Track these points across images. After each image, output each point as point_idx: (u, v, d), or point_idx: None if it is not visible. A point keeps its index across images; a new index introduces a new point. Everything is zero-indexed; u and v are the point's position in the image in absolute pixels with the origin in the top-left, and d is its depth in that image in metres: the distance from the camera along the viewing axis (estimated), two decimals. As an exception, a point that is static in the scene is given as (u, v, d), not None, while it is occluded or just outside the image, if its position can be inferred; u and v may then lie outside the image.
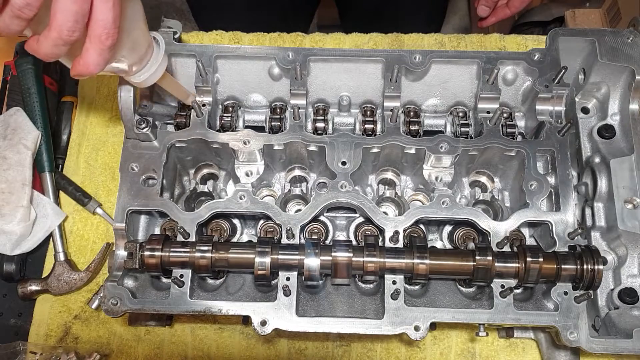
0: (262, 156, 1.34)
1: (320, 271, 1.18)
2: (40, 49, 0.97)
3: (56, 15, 0.92)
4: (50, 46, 0.96)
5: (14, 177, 1.41)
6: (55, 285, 1.40)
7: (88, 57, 0.99)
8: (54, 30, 0.93)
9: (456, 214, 1.25)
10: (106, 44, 0.98)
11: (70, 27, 0.93)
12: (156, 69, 1.16)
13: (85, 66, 1.00)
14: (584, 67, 1.37)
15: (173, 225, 1.31)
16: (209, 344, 1.39)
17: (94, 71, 1.01)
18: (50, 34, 0.94)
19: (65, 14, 0.92)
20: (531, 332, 1.34)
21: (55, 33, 0.93)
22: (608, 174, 1.25)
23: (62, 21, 0.92)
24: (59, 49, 0.97)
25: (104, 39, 0.97)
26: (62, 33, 0.93)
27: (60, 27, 0.92)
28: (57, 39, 0.94)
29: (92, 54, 0.99)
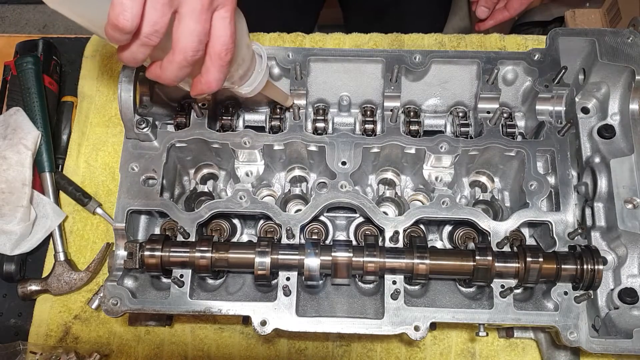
0: (262, 156, 1.34)
1: (320, 271, 1.18)
2: (164, 74, 0.98)
3: (180, 38, 0.92)
4: (176, 69, 0.96)
5: (14, 177, 1.41)
6: (55, 285, 1.40)
7: (209, 75, 0.99)
8: (178, 53, 0.93)
9: (456, 214, 1.25)
10: (226, 60, 0.98)
11: (194, 48, 0.93)
12: (262, 78, 1.16)
13: (207, 84, 1.00)
14: (584, 67, 1.37)
15: (173, 225, 1.31)
16: (209, 344, 1.39)
17: (215, 88, 1.02)
18: (175, 57, 0.94)
19: (189, 35, 0.92)
20: (531, 332, 1.34)
21: (180, 56, 0.93)
22: (608, 174, 1.25)
23: (186, 43, 0.92)
24: (183, 71, 0.97)
25: (224, 55, 0.97)
26: (187, 54, 0.93)
27: (185, 49, 0.93)
28: (182, 61, 0.94)
29: (213, 71, 0.99)
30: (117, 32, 0.87)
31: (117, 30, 0.86)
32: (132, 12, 0.85)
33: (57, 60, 1.64)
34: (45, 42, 1.62)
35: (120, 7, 0.84)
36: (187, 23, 0.92)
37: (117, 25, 0.85)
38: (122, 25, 0.85)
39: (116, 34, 0.87)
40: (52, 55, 1.62)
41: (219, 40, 0.96)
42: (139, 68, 1.27)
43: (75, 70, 1.66)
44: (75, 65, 1.68)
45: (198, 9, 0.92)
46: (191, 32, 0.92)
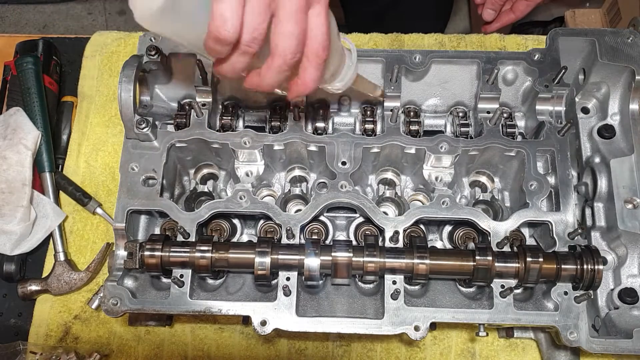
0: (262, 156, 1.34)
1: (320, 271, 1.18)
2: (264, 81, 0.97)
3: (279, 42, 0.91)
4: (275, 74, 0.95)
5: (14, 177, 1.41)
6: (55, 285, 1.40)
7: (307, 75, 0.98)
8: (278, 57, 0.92)
9: (456, 214, 1.25)
10: (323, 58, 0.96)
11: (294, 50, 0.92)
12: (352, 72, 1.14)
13: (304, 85, 0.99)
14: (584, 67, 1.37)
15: (173, 225, 1.31)
16: (209, 344, 1.39)
17: (313, 88, 1.00)
18: (274, 62, 0.92)
19: (288, 37, 0.91)
20: (531, 332, 1.34)
21: (280, 59, 0.92)
22: (608, 174, 1.25)
23: (286, 46, 0.91)
24: (282, 75, 0.96)
25: (321, 52, 0.96)
26: (287, 57, 0.92)
27: (285, 52, 0.91)
28: (282, 65, 0.93)
29: (310, 71, 0.97)
30: (218, 44, 0.86)
31: (218, 42, 0.86)
32: (233, 22, 0.84)
33: (57, 60, 1.64)
34: (45, 42, 1.62)
35: (221, 19, 0.83)
36: (286, 25, 0.90)
37: (218, 38, 0.85)
38: (224, 37, 0.84)
39: (217, 46, 0.87)
40: (52, 55, 1.62)
41: (316, 38, 0.94)
42: (139, 68, 1.27)
43: (75, 70, 1.66)
44: (75, 65, 1.68)
45: (295, 9, 0.90)
46: (290, 34, 0.91)
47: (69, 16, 3.76)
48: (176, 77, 1.40)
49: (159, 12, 0.85)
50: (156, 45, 1.32)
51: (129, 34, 1.69)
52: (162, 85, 1.41)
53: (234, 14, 0.84)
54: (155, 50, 1.31)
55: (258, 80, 0.98)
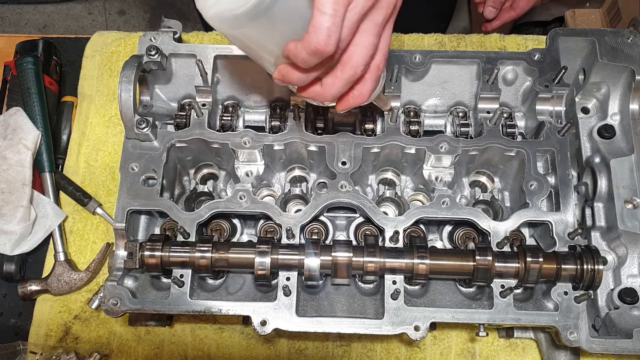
0: (262, 156, 1.34)
1: (320, 271, 1.18)
2: (327, 92, 0.95)
3: (355, 53, 0.89)
4: (341, 86, 0.93)
5: (14, 177, 1.41)
6: (55, 285, 1.40)
7: (365, 86, 0.96)
8: (350, 68, 0.90)
9: (456, 214, 1.25)
10: (380, 70, 0.96)
11: (366, 62, 0.91)
12: (381, 84, 1.12)
13: (360, 97, 0.98)
14: (584, 67, 1.37)
15: (173, 225, 1.31)
16: (209, 344, 1.39)
17: (367, 100, 1.00)
18: (345, 73, 0.91)
19: (365, 49, 0.89)
20: (531, 332, 1.34)
21: (351, 71, 0.91)
22: (608, 174, 1.25)
23: (361, 57, 0.90)
24: (348, 86, 0.94)
25: (382, 65, 0.95)
26: (358, 69, 0.91)
27: (358, 64, 0.90)
28: (352, 76, 0.91)
29: (369, 83, 0.96)
30: (315, 56, 0.85)
31: (316, 54, 0.84)
32: (336, 36, 0.83)
33: (57, 60, 1.64)
34: (45, 42, 1.62)
35: (326, 32, 0.82)
36: (367, 37, 0.88)
37: (319, 50, 0.83)
38: (324, 50, 0.83)
39: (313, 58, 0.85)
40: (52, 55, 1.62)
41: (382, 51, 0.93)
42: (139, 68, 1.27)
43: (75, 70, 1.66)
44: (75, 65, 1.68)
45: (381, 22, 0.89)
46: (368, 46, 0.89)
47: (69, 16, 3.76)
48: (176, 77, 1.40)
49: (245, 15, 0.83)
50: (156, 45, 1.32)
51: (129, 34, 1.69)
52: (162, 85, 1.41)
53: (337, 29, 0.83)
54: (155, 50, 1.31)
55: (320, 91, 0.96)
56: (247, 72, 1.39)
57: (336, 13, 0.82)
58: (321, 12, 0.82)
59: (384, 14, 0.90)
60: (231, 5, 0.84)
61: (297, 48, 0.85)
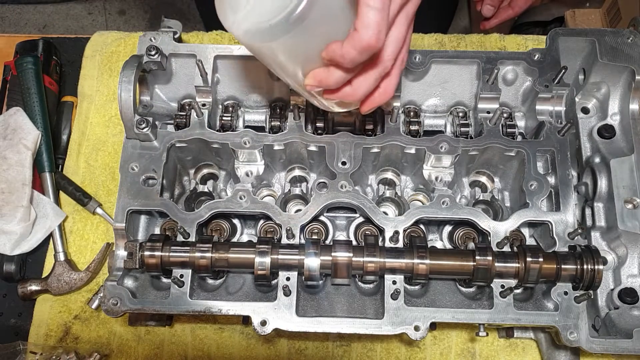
0: (262, 156, 1.34)
1: (320, 271, 1.18)
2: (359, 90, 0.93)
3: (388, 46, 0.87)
4: (372, 83, 0.92)
5: (14, 177, 1.41)
6: (55, 285, 1.40)
7: (391, 82, 0.95)
8: (381, 62, 0.89)
9: (456, 214, 1.25)
10: (404, 64, 0.95)
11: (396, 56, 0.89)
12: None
13: (386, 94, 0.96)
14: (584, 67, 1.37)
15: (173, 225, 1.31)
16: (209, 344, 1.39)
17: (391, 96, 0.98)
18: (376, 70, 0.89)
19: (398, 42, 0.88)
20: (531, 332, 1.34)
21: (382, 66, 0.89)
22: (608, 174, 1.25)
23: (391, 51, 0.88)
24: (376, 83, 0.93)
25: (405, 58, 0.94)
26: (389, 63, 0.89)
27: (389, 57, 0.89)
28: (382, 71, 0.90)
29: (394, 78, 0.95)
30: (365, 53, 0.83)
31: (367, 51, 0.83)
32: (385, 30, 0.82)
33: (57, 60, 1.64)
34: (45, 42, 1.62)
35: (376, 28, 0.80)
36: (400, 30, 0.87)
37: (370, 46, 0.81)
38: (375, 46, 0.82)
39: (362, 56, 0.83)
40: (52, 55, 1.62)
41: (407, 44, 0.92)
42: (139, 68, 1.27)
43: (75, 70, 1.66)
44: (75, 65, 1.68)
45: (411, 14, 0.88)
46: (400, 39, 0.88)
47: (69, 16, 3.76)
48: (176, 77, 1.40)
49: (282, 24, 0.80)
50: (156, 45, 1.32)
51: (129, 34, 1.69)
52: (162, 85, 1.41)
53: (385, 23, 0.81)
54: (155, 50, 1.31)
55: (350, 91, 0.94)
56: (247, 72, 1.39)
57: (384, 7, 0.81)
58: (370, 6, 0.80)
59: (415, 4, 0.89)
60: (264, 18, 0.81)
61: (345, 48, 0.83)
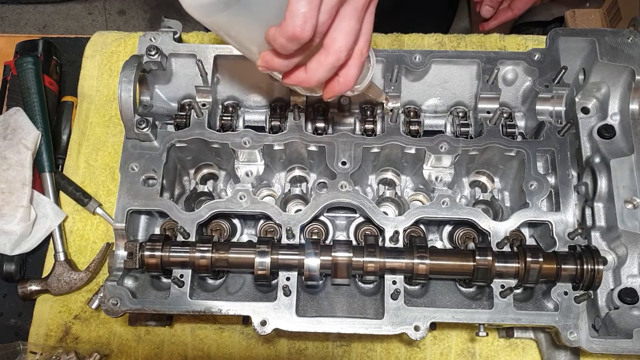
0: (262, 156, 1.34)
1: (320, 271, 1.18)
2: (313, 77, 0.95)
3: (337, 38, 0.89)
4: (325, 71, 0.93)
5: (14, 177, 1.41)
6: (55, 285, 1.40)
7: (349, 72, 0.96)
8: (333, 54, 0.90)
9: (456, 214, 1.25)
10: (364, 56, 0.96)
11: (349, 47, 0.91)
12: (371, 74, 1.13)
13: (345, 84, 0.98)
14: (584, 67, 1.37)
15: (173, 225, 1.31)
16: (209, 344, 1.39)
17: (352, 87, 1.00)
18: (329, 58, 0.91)
19: (347, 35, 0.89)
20: (531, 332, 1.34)
21: (334, 56, 0.91)
22: (608, 174, 1.25)
23: (343, 42, 0.90)
24: (331, 73, 0.94)
25: (365, 51, 0.95)
26: (342, 55, 0.91)
27: (341, 49, 0.90)
28: (335, 62, 0.91)
29: (353, 69, 0.96)
30: (292, 42, 0.85)
31: (293, 40, 0.85)
32: (312, 22, 0.83)
33: (57, 60, 1.64)
34: (45, 42, 1.62)
35: (302, 18, 0.82)
36: (348, 22, 0.89)
37: (295, 36, 0.84)
38: (301, 35, 0.84)
39: (290, 44, 0.86)
40: (52, 55, 1.62)
41: (364, 37, 0.93)
42: (139, 68, 1.27)
43: (75, 70, 1.66)
44: (75, 65, 1.68)
45: (360, 7, 0.89)
46: (351, 31, 0.89)
47: (69, 16, 3.76)
48: (176, 77, 1.40)
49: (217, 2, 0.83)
50: (156, 45, 1.32)
51: (129, 34, 1.69)
52: (162, 85, 1.41)
53: (313, 14, 0.83)
54: (155, 50, 1.31)
55: (305, 77, 0.96)
56: (247, 72, 1.39)
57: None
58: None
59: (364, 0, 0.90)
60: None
61: (276, 34, 0.86)
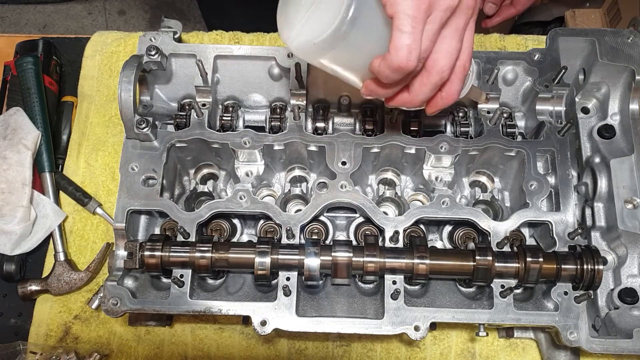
0: (262, 156, 1.34)
1: (320, 271, 1.18)
2: (416, 97, 0.97)
3: (439, 59, 0.91)
4: (429, 91, 0.95)
5: (14, 177, 1.41)
6: (55, 285, 1.40)
7: (452, 87, 0.98)
8: (436, 73, 0.92)
9: (456, 214, 1.25)
10: (466, 69, 0.98)
11: (451, 66, 0.92)
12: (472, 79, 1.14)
13: (448, 98, 0.99)
14: (584, 67, 1.37)
15: (173, 225, 1.31)
16: (209, 344, 1.39)
17: (454, 100, 1.01)
18: (431, 78, 0.93)
19: (449, 54, 0.91)
20: (531, 332, 1.34)
21: (437, 76, 0.92)
22: (608, 174, 1.25)
23: (446, 62, 0.91)
24: (435, 91, 0.96)
25: (467, 65, 0.97)
26: (444, 74, 0.92)
27: (443, 68, 0.92)
28: (438, 81, 0.93)
29: (455, 83, 0.98)
30: (397, 73, 0.87)
31: (399, 71, 0.87)
32: (417, 52, 0.85)
33: (57, 60, 1.64)
34: (45, 42, 1.62)
35: (406, 50, 0.84)
36: (450, 43, 0.90)
37: (401, 67, 0.86)
38: (407, 67, 0.86)
39: (395, 74, 0.88)
40: (52, 55, 1.62)
41: (465, 52, 0.95)
42: (139, 68, 1.27)
43: (75, 70, 1.66)
44: (75, 65, 1.68)
45: (462, 27, 0.91)
46: (452, 51, 0.91)
47: (69, 16, 3.76)
48: (176, 77, 1.40)
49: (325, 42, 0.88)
50: (156, 45, 1.32)
51: (129, 34, 1.69)
52: (162, 85, 1.41)
53: (417, 45, 0.85)
54: (155, 50, 1.31)
55: (408, 99, 0.98)
56: (247, 72, 1.39)
57: (415, 30, 0.84)
58: (400, 31, 0.84)
59: (465, 18, 0.91)
60: (312, 36, 0.89)
61: (380, 66, 0.88)
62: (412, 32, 0.84)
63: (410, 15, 0.83)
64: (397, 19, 0.84)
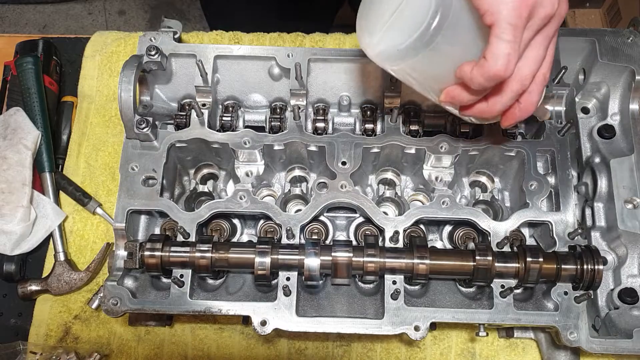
0: (262, 156, 1.34)
1: (320, 271, 1.18)
2: (494, 107, 0.96)
3: (523, 66, 0.90)
4: (508, 101, 0.94)
5: (14, 177, 1.41)
6: (55, 285, 1.40)
7: (531, 97, 0.97)
8: (517, 82, 0.91)
9: (456, 214, 1.25)
10: (547, 80, 0.97)
11: (532, 75, 0.92)
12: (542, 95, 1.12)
13: (526, 110, 0.98)
14: (584, 67, 1.37)
15: (173, 225, 1.31)
16: (209, 344, 1.39)
17: (532, 112, 1.00)
18: (512, 87, 0.92)
19: (533, 63, 0.90)
20: (531, 332, 1.34)
21: (518, 85, 0.91)
22: (608, 174, 1.25)
23: (528, 71, 0.90)
24: (513, 100, 0.95)
25: (547, 74, 0.97)
26: (526, 82, 0.91)
27: (525, 77, 0.91)
28: (518, 90, 0.92)
29: (535, 94, 0.97)
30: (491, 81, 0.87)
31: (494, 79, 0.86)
32: (515, 61, 0.85)
33: (57, 60, 1.64)
34: (45, 42, 1.62)
35: (505, 59, 0.83)
36: (537, 51, 0.89)
37: (498, 76, 0.85)
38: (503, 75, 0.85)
39: (490, 83, 0.87)
40: (52, 55, 1.62)
41: (548, 59, 0.94)
42: (139, 68, 1.27)
43: (75, 70, 1.66)
44: (75, 65, 1.68)
45: (551, 34, 0.90)
46: (537, 60, 0.90)
47: (69, 16, 3.76)
48: (176, 77, 1.40)
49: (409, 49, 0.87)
50: (156, 45, 1.32)
51: (129, 34, 1.69)
52: (162, 85, 1.41)
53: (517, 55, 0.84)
54: (155, 50, 1.31)
55: (485, 108, 0.97)
56: (247, 72, 1.39)
57: (515, 39, 0.83)
58: (500, 39, 0.83)
59: (556, 27, 0.91)
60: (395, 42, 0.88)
61: (473, 73, 0.87)
62: (512, 41, 0.83)
63: (511, 24, 0.82)
64: (497, 27, 0.83)
